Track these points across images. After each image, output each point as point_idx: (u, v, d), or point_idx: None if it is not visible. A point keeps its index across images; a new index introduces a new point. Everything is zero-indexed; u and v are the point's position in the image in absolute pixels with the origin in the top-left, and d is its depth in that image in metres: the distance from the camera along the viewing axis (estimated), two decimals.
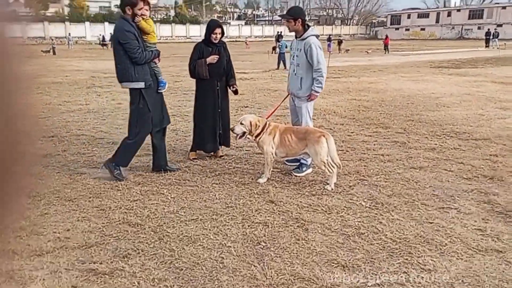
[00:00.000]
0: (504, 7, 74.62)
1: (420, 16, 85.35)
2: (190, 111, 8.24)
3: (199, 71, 5.11)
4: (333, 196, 4.25)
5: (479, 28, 75.60)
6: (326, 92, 11.51)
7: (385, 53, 31.19)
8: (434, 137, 6.54)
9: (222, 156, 5.56)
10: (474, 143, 6.11)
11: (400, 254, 3.13)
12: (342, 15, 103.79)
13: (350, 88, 11.93)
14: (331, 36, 35.50)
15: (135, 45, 4.35)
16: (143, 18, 4.51)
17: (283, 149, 4.60)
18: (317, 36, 4.82)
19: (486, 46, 36.84)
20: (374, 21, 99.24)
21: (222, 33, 5.16)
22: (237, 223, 3.70)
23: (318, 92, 4.84)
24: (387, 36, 34.32)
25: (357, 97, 10.34)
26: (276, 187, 4.53)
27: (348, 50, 34.02)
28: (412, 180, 4.66)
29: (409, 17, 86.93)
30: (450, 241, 3.31)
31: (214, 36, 5.10)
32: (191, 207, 4.03)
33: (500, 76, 14.68)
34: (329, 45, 29.98)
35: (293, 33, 4.92)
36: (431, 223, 3.63)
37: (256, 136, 4.69)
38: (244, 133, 4.73)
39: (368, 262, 3.04)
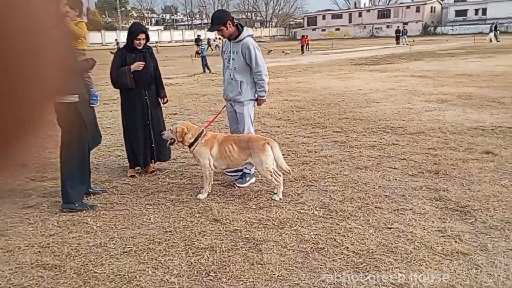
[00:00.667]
0: (408, 7, 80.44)
1: (334, 17, 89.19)
2: (112, 123, 7.51)
3: (122, 80, 4.50)
4: (282, 207, 3.88)
5: (387, 26, 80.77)
6: None
7: (301, 53, 31.70)
8: (371, 133, 6.46)
9: (154, 171, 4.97)
10: (411, 138, 6.10)
11: (366, 269, 2.82)
12: (261, 17, 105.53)
13: (279, 89, 11.75)
14: None
15: None
16: (74, 21, 3.90)
17: (224, 160, 4.14)
18: (252, 36, 4.44)
19: (397, 43, 39.12)
20: (291, 23, 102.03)
21: (147, 38, 4.59)
22: (179, 251, 3.18)
23: (264, 96, 4.49)
24: (303, 37, 35.07)
25: (289, 98, 10.16)
26: (219, 203, 4.06)
27: (271, 50, 34.28)
28: (361, 182, 4.44)
29: (324, 18, 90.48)
30: (414, 247, 3.07)
31: (137, 42, 4.52)
32: (122, 237, 3.43)
33: (416, 70, 15.41)
34: None
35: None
36: (390, 228, 3.38)
37: (190, 146, 4.19)
38: (174, 140, 4.23)
39: (334, 284, 2.69)
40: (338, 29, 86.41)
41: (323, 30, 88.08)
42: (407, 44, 35.70)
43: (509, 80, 11.63)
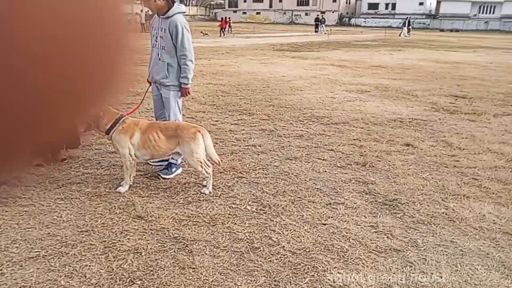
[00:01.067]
0: None
1: (255, 0, 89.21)
2: None
3: None
4: (213, 202, 3.64)
5: (306, 14, 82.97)
6: None
7: (220, 35, 31.14)
8: (298, 122, 6.42)
9: (65, 159, 4.43)
10: (336, 128, 6.16)
11: (305, 270, 2.70)
12: None
13: (203, 71, 11.35)
14: None
15: None
16: None
17: (148, 150, 3.75)
18: (183, 14, 4.06)
19: (316, 31, 40.26)
20: (212, 3, 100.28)
21: None
22: (97, 255, 2.81)
23: (187, 84, 4.08)
24: (222, 19, 34.57)
25: (213, 81, 9.83)
26: (142, 197, 3.70)
27: (207, 34, 32.91)
28: (292, 174, 4.34)
29: (245, 1, 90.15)
30: (350, 245, 3.02)
31: None
32: (27, 239, 2.96)
33: (335, 60, 15.88)
34: None
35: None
36: (325, 224, 3.31)
37: (107, 132, 3.75)
38: (89, 125, 3.76)
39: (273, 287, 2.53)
40: (259, 13, 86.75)
41: (244, 13, 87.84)
42: (325, 33, 36.84)
43: (418, 74, 12.41)
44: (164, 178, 4.09)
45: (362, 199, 3.79)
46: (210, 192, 3.81)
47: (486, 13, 70.41)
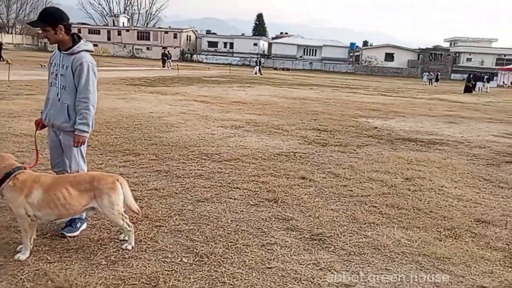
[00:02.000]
0: (166, 32, 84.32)
1: (91, 32, 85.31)
2: None
3: None
4: (141, 258, 3.20)
5: (148, 48, 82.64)
6: (36, 114, 9.48)
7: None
8: (190, 161, 6.21)
9: None
10: (230, 165, 6.14)
11: None
12: (1, 21, 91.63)
13: None
14: None
15: None
16: None
17: (54, 210, 3.11)
18: (90, 53, 3.56)
19: (163, 66, 40.24)
20: (39, 32, 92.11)
21: None
22: None
23: (86, 132, 3.52)
24: None
25: None
26: (52, 262, 3.05)
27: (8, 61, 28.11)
28: (211, 217, 4.13)
29: (79, 31, 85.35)
30: (304, 286, 2.98)
31: None
32: None
33: (194, 95, 16.04)
34: None
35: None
36: (270, 268, 3.21)
37: None
38: None
39: None
40: (96, 45, 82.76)
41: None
42: (172, 68, 37.10)
43: (277, 109, 13.35)
44: (70, 237, 3.46)
45: (291, 237, 3.81)
46: (133, 247, 3.36)
47: (310, 55, 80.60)
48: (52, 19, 3.33)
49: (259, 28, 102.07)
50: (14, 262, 3.01)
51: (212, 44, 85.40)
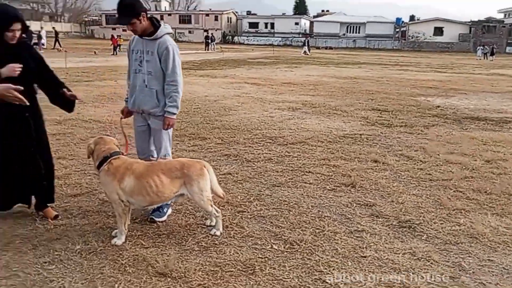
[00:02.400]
0: (207, 15, 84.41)
1: None
2: None
3: None
4: (231, 245, 3.17)
5: (190, 32, 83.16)
6: (99, 100, 9.76)
7: (113, 54, 29.40)
8: (256, 144, 6.14)
9: (58, 215, 3.52)
10: (297, 148, 6.02)
11: None
12: (50, 10, 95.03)
13: (118, 93, 10.40)
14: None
15: None
16: None
17: (146, 197, 3.12)
18: (171, 35, 3.53)
19: (206, 49, 40.38)
20: (86, 19, 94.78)
21: (24, 28, 3.12)
22: None
23: (175, 114, 3.53)
24: (113, 37, 32.89)
25: None
26: (147, 247, 3.07)
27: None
28: (291, 202, 4.04)
29: None
30: (406, 278, 2.83)
31: (10, 34, 3.04)
32: None
33: (245, 78, 15.94)
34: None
35: None
36: (365, 257, 3.08)
37: (98, 167, 3.15)
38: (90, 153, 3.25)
39: None
40: None
41: (124, 30, 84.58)
42: (216, 51, 37.15)
43: (330, 90, 13.02)
44: (159, 222, 3.49)
45: (378, 223, 3.66)
46: (221, 233, 3.33)
47: (353, 32, 78.26)
48: (135, 10, 3.26)
49: (300, 6, 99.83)
50: (111, 247, 3.05)
51: (253, 25, 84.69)
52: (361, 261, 3.02)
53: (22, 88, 2.90)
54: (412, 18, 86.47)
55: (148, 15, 3.42)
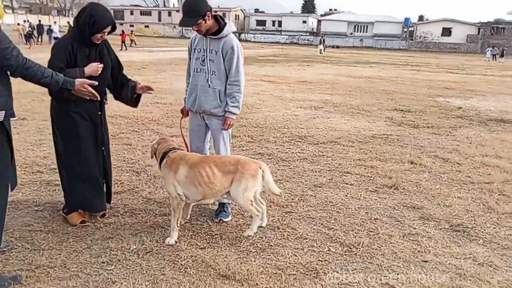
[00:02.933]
0: (215, 11, 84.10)
1: (143, 13, 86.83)
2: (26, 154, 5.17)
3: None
4: (287, 246, 3.10)
5: None
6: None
7: (120, 49, 29.39)
8: (287, 143, 6.07)
9: (105, 214, 3.46)
10: (329, 148, 5.94)
11: None
12: (58, 5, 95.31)
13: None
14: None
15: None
16: None
17: (198, 188, 3.07)
18: (235, 34, 3.45)
19: None
20: None
21: (114, 28, 3.12)
22: None
23: (236, 114, 3.46)
24: (123, 32, 32.85)
25: (159, 100, 9.00)
26: (203, 248, 3.00)
27: None
28: (337, 204, 3.97)
29: (132, 13, 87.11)
30: (477, 285, 2.75)
31: (99, 36, 3.02)
32: None
33: (260, 75, 15.84)
34: None
35: None
36: (426, 261, 3.01)
37: (160, 164, 3.19)
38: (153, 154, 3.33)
39: None
40: (147, 26, 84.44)
41: (132, 25, 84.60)
42: None
43: (347, 89, 12.91)
44: (225, 221, 3.46)
45: (430, 227, 3.58)
46: (254, 233, 3.26)
47: (360, 31, 77.95)
48: (200, 10, 3.16)
49: (308, 4, 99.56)
50: (167, 247, 2.99)
51: (260, 22, 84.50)
52: (424, 266, 2.94)
53: (96, 83, 2.85)
54: (420, 18, 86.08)
55: (213, 13, 3.32)
